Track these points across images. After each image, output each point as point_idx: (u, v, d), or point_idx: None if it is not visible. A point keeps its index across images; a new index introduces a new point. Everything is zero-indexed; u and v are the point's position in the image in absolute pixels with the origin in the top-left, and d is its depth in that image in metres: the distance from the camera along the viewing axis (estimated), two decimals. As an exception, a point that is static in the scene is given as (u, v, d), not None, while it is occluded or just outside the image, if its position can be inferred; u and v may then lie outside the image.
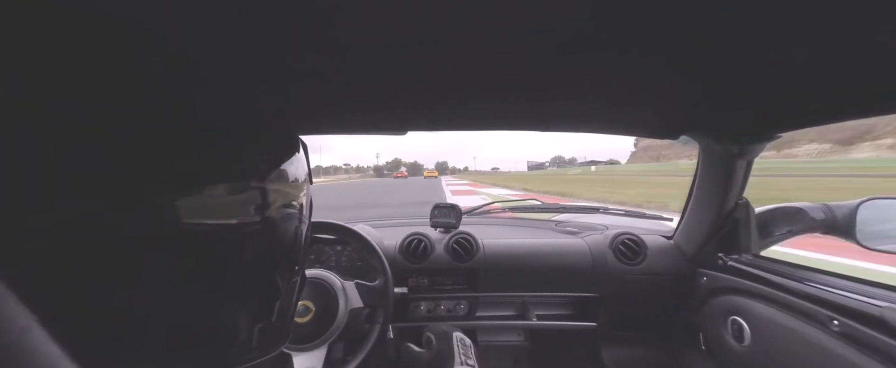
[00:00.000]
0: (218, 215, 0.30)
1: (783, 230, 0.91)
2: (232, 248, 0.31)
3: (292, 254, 0.39)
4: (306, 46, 0.38)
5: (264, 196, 0.33)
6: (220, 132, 0.31)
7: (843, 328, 0.66)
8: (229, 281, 0.31)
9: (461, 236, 1.19)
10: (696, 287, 1.06)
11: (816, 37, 0.37)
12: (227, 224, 0.30)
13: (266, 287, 0.36)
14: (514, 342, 1.37)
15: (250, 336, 0.33)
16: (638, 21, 0.34)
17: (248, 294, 0.34)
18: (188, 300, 0.28)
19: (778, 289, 0.81)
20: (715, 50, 0.41)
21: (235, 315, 0.32)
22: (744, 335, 0.87)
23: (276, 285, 0.36)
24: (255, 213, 0.32)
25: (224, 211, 0.30)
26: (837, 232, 0.81)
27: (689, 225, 1.10)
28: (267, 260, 0.35)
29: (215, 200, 0.29)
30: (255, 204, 0.32)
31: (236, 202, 0.31)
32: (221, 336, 0.31)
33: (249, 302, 0.34)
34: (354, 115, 0.72)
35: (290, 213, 0.37)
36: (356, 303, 0.84)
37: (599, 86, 0.56)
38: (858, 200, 0.79)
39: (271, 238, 0.35)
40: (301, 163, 0.39)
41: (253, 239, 0.33)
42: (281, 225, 0.35)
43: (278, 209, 0.35)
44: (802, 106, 0.66)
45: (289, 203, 0.36)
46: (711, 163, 0.97)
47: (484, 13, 0.32)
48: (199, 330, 0.29)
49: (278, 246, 0.36)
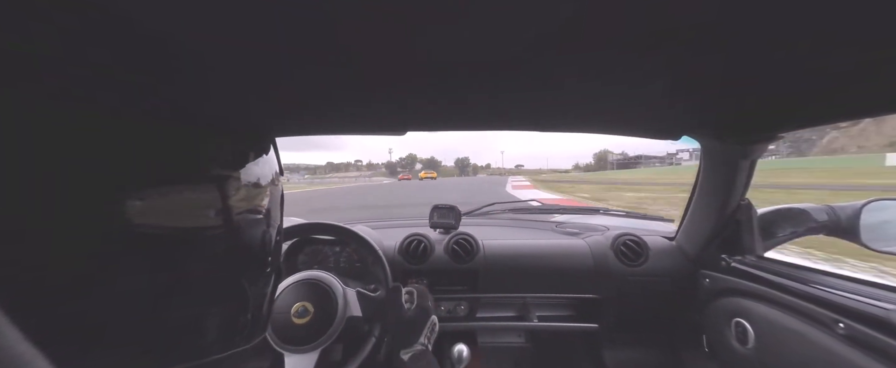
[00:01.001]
0: (177, 219, 0.30)
1: (787, 231, 0.90)
2: (195, 250, 0.31)
3: (260, 255, 0.39)
4: (305, 46, 0.37)
5: (226, 199, 0.33)
6: (180, 132, 0.31)
7: (849, 330, 0.65)
8: (194, 281, 0.32)
9: (461, 237, 1.18)
10: (699, 288, 1.05)
11: (820, 35, 0.36)
12: (188, 227, 0.31)
13: (233, 286, 0.36)
14: (515, 343, 1.36)
15: (219, 331, 0.34)
16: (639, 20, 0.33)
17: (213, 292, 0.34)
18: (152, 297, 0.28)
19: (782, 291, 0.80)
20: (717, 49, 0.40)
21: (201, 312, 0.33)
22: (748, 337, 0.86)
23: (242, 284, 0.37)
24: (217, 217, 0.32)
25: (185, 214, 0.30)
26: (841, 234, 0.80)
27: (692, 226, 1.09)
28: (232, 261, 0.35)
29: (175, 204, 0.30)
30: (216, 208, 0.32)
31: (198, 206, 0.31)
32: (188, 331, 0.32)
33: (215, 299, 0.34)
34: (352, 115, 0.72)
35: (255, 218, 0.37)
36: (355, 312, 0.83)
37: (600, 87, 0.56)
38: (863, 201, 0.78)
39: (235, 241, 0.35)
40: (268, 163, 0.40)
41: (216, 242, 0.33)
42: (246, 228, 0.36)
43: (242, 213, 0.35)
44: (807, 105, 0.65)
45: (254, 206, 0.37)
46: (714, 163, 0.97)
47: (484, 11, 0.31)
48: (165, 326, 0.30)
49: (244, 249, 0.36)
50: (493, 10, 0.31)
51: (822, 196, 8.87)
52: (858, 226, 0.76)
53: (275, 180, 0.42)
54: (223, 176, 0.34)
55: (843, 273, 0.76)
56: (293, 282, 0.80)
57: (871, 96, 0.57)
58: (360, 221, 1.45)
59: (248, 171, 0.37)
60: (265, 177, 0.39)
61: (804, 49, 0.40)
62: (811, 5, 0.31)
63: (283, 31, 0.33)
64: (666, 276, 1.12)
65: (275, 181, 0.42)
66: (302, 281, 0.80)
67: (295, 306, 0.75)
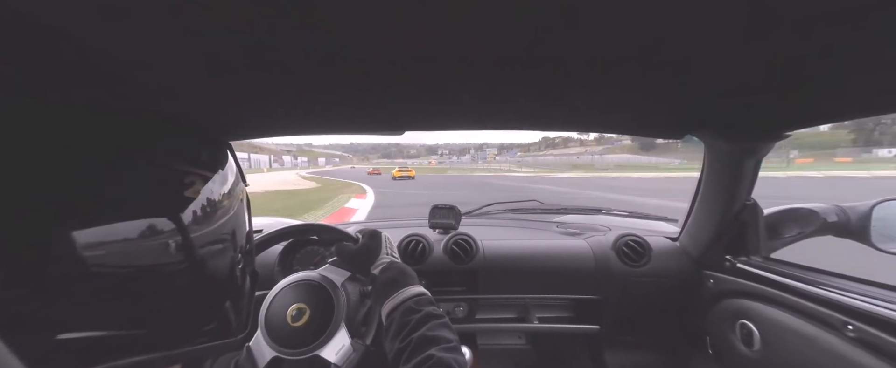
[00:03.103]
0: (133, 258, 0.29)
1: (793, 232, 0.88)
2: (155, 280, 0.31)
3: (227, 263, 0.38)
4: (304, 44, 0.36)
5: (182, 232, 0.32)
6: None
7: (859, 333, 0.64)
8: (156, 304, 0.32)
9: (460, 237, 1.17)
10: (703, 289, 1.03)
11: (827, 33, 0.36)
12: (144, 265, 0.30)
13: (200, 309, 0.36)
14: (515, 345, 1.35)
15: (192, 332, 0.34)
16: (641, 17, 0.32)
17: (177, 311, 0.34)
18: (114, 314, 0.29)
19: (789, 292, 0.78)
20: (721, 47, 0.39)
21: (172, 318, 0.33)
22: (753, 339, 0.84)
23: (211, 306, 0.37)
24: (177, 253, 0.32)
25: (141, 252, 0.30)
26: (851, 235, 0.78)
27: (695, 226, 1.08)
28: (197, 288, 0.35)
29: (126, 242, 0.29)
30: (175, 244, 0.32)
31: (153, 240, 0.31)
32: (146, 343, 0.31)
33: (181, 316, 0.34)
34: (350, 115, 0.71)
35: (218, 249, 0.36)
36: (343, 276, 0.82)
37: (601, 85, 0.55)
38: (873, 201, 0.76)
39: (199, 274, 0.34)
40: (225, 177, 0.39)
41: (178, 277, 0.32)
42: (209, 261, 0.35)
43: (202, 247, 0.34)
44: (813, 103, 0.64)
45: (214, 236, 0.36)
46: (718, 162, 0.95)
47: (483, 9, 0.30)
48: (129, 339, 0.30)
49: (207, 279, 0.36)
50: (493, 8, 0.30)
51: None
52: (869, 227, 0.75)
53: (237, 184, 0.42)
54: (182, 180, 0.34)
55: (851, 274, 0.74)
56: (287, 285, 0.78)
57: (875, 94, 0.56)
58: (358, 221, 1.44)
59: (211, 178, 0.37)
60: (228, 182, 0.39)
61: (812, 45, 0.39)
62: (813, 4, 0.30)
63: (276, 30, 0.33)
64: (669, 277, 1.11)
65: (238, 186, 0.42)
66: (296, 282, 0.79)
67: (290, 308, 0.74)
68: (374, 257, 0.75)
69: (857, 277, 0.73)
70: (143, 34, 0.30)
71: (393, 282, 0.67)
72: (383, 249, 0.77)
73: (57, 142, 0.27)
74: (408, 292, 0.64)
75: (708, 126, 0.87)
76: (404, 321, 0.57)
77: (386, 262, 0.74)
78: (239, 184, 0.43)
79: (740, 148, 0.87)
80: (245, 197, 0.45)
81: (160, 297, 0.32)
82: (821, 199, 0.91)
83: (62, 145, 0.27)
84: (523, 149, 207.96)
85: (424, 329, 0.54)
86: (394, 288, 0.65)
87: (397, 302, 0.62)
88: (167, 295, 0.32)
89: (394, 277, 0.68)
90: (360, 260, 0.77)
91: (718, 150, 0.93)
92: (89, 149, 0.29)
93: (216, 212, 0.37)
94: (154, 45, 0.32)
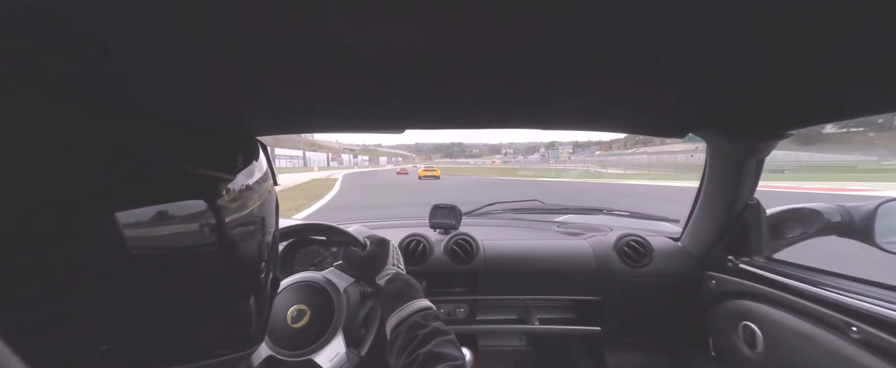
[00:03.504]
0: (168, 239, 0.29)
1: (797, 232, 0.87)
2: (187, 267, 0.30)
3: (253, 266, 0.38)
4: (304, 44, 0.36)
5: (218, 212, 0.32)
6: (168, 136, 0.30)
7: (863, 334, 0.63)
8: (185, 296, 0.31)
9: (461, 237, 1.16)
10: (705, 290, 1.03)
11: (828, 31, 0.35)
12: (179, 247, 0.30)
13: (226, 299, 0.35)
14: (516, 347, 1.34)
15: (211, 342, 0.33)
16: (644, 16, 0.32)
17: (205, 306, 0.33)
18: (142, 312, 0.27)
19: (792, 293, 0.78)
20: (722, 45, 0.39)
21: (192, 325, 0.32)
22: (756, 341, 0.83)
23: (236, 297, 0.36)
24: (211, 233, 0.31)
25: (175, 232, 0.29)
26: (854, 235, 0.78)
27: (697, 226, 1.07)
28: (226, 275, 0.34)
29: (164, 222, 0.28)
30: (210, 223, 0.31)
31: (189, 221, 0.30)
32: (177, 343, 0.31)
33: (208, 312, 0.33)
34: (350, 112, 0.70)
35: (250, 230, 0.36)
36: (346, 282, 0.81)
37: (602, 84, 0.55)
38: (877, 201, 0.76)
39: (230, 255, 0.34)
40: (259, 168, 0.39)
41: (210, 258, 0.32)
42: (240, 242, 0.35)
43: (236, 225, 0.34)
44: (816, 102, 0.63)
45: (247, 217, 0.36)
46: (720, 161, 0.94)
47: (484, 8, 0.30)
48: (155, 340, 0.29)
49: (237, 263, 0.35)
50: (493, 6, 0.30)
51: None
52: (873, 227, 0.74)
53: (266, 183, 0.41)
54: (211, 179, 0.33)
55: (856, 275, 0.73)
56: (289, 285, 0.78)
57: (880, 92, 0.56)
58: (358, 221, 1.43)
59: (239, 175, 0.36)
60: (256, 180, 0.38)
61: (815, 42, 0.38)
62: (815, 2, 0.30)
63: (276, 28, 0.32)
64: (671, 278, 1.10)
65: (266, 184, 0.41)
66: (299, 283, 0.78)
67: (291, 309, 0.73)
68: (380, 266, 0.75)
69: (862, 278, 0.72)
70: (150, 29, 0.30)
71: (399, 295, 0.66)
72: (390, 259, 0.77)
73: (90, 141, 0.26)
74: (414, 305, 0.63)
75: (710, 124, 0.86)
76: (411, 336, 0.56)
77: (391, 273, 0.73)
78: (267, 180, 0.42)
79: (742, 146, 0.86)
80: (273, 196, 0.44)
81: (183, 302, 0.31)
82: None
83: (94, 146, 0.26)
84: (603, 148, 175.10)
85: (431, 346, 0.53)
86: (400, 300, 0.65)
87: (403, 315, 0.62)
88: (190, 301, 0.32)
89: (400, 289, 0.68)
90: (365, 266, 0.77)
91: (720, 149, 0.93)
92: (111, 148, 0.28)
93: (246, 206, 0.36)
94: (157, 44, 0.32)
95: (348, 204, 9.03)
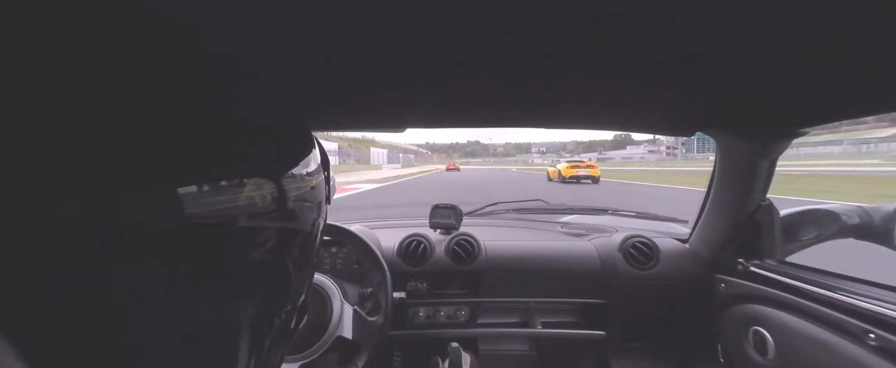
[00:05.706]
0: (232, 209, 0.28)
1: (812, 234, 0.84)
2: (248, 241, 0.30)
3: (307, 248, 0.39)
4: (304, 44, 0.36)
5: (282, 190, 0.33)
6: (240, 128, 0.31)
7: (881, 342, 0.61)
8: (241, 278, 0.30)
9: (462, 238, 1.14)
10: (714, 294, 1.00)
11: (844, 27, 0.34)
12: (243, 215, 0.29)
13: (280, 279, 0.35)
14: (518, 351, 1.31)
15: (262, 336, 0.33)
16: (648, 14, 0.31)
17: (262, 286, 0.33)
18: (200, 298, 0.27)
19: (806, 298, 0.75)
20: (734, 43, 0.38)
21: (247, 313, 0.31)
22: (767, 347, 0.80)
23: (289, 277, 0.36)
24: (274, 204, 0.32)
25: (239, 204, 0.29)
26: (874, 237, 0.75)
27: (707, 228, 1.04)
28: (285, 249, 0.35)
29: (233, 195, 0.28)
30: (275, 197, 0.32)
31: (253, 195, 0.30)
32: (230, 336, 0.30)
33: (263, 295, 0.33)
34: (352, 112, 0.70)
35: (310, 205, 0.37)
36: (346, 332, 0.79)
37: (608, 82, 0.53)
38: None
39: (291, 227, 0.35)
40: (315, 157, 0.40)
41: (270, 229, 0.32)
42: (300, 215, 0.36)
43: (297, 201, 0.35)
44: (829, 100, 0.61)
45: (308, 196, 0.37)
46: (731, 161, 0.92)
47: (485, 6, 0.29)
48: (209, 331, 0.28)
49: (297, 236, 0.36)
50: (493, 7, 0.29)
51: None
52: (893, 230, 0.71)
53: (325, 176, 0.42)
54: (280, 169, 0.33)
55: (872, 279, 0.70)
56: None
57: (892, 90, 0.53)
58: (357, 220, 1.41)
59: (302, 166, 0.37)
60: (315, 170, 0.39)
61: (827, 41, 0.37)
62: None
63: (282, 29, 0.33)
64: (678, 280, 1.07)
65: (325, 176, 0.42)
66: None
67: None
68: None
69: (879, 282, 0.69)
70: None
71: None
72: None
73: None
74: None
75: (720, 123, 0.84)
76: None
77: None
78: (320, 174, 0.41)
79: (754, 146, 0.84)
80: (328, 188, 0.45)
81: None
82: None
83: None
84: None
85: None
86: None
87: None
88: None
89: None
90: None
91: (731, 148, 0.90)
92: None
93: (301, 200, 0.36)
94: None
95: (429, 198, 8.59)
